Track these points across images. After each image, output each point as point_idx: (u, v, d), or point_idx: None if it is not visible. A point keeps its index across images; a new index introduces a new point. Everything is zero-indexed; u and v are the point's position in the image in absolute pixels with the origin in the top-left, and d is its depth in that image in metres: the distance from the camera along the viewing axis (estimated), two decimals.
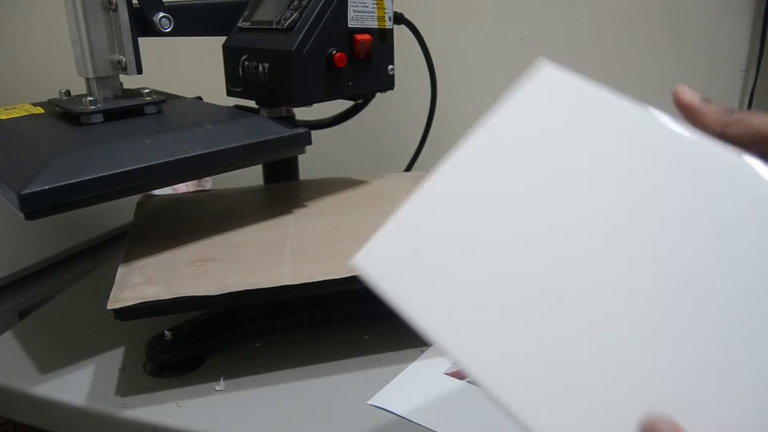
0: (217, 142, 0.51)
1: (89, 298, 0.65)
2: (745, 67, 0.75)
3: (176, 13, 0.57)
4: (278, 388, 0.49)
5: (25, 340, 0.57)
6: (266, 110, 0.61)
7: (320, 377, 0.50)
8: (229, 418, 0.46)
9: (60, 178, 0.43)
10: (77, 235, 0.78)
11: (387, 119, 0.91)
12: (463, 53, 0.85)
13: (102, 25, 0.54)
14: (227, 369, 0.51)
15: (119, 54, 0.55)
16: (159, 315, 0.45)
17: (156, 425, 0.46)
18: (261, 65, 0.57)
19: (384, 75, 0.63)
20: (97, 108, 0.53)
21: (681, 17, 0.76)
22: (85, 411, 0.48)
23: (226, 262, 0.50)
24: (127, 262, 0.51)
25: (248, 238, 0.55)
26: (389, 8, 0.62)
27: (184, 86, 0.73)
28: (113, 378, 0.51)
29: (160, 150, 0.48)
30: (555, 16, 0.80)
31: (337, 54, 0.56)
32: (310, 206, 0.62)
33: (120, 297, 0.45)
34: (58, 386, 0.50)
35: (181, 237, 0.55)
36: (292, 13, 0.57)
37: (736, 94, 0.77)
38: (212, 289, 0.46)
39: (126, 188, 0.47)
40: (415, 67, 0.73)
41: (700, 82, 0.77)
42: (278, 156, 0.57)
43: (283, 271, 0.48)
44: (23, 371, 0.52)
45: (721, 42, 0.75)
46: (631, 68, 0.79)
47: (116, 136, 0.49)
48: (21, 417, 0.52)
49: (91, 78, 0.55)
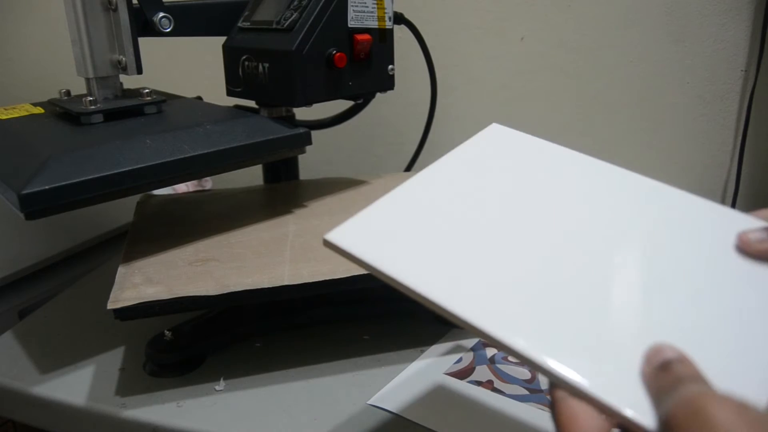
0: (217, 142, 0.51)
1: (89, 298, 0.65)
2: (745, 67, 0.75)
3: (176, 13, 0.57)
4: (278, 388, 0.49)
5: (25, 340, 0.57)
6: (266, 110, 0.61)
7: (320, 377, 0.50)
8: (229, 418, 0.46)
9: (60, 178, 0.43)
10: (77, 235, 0.78)
11: (387, 119, 0.91)
12: (463, 53, 0.85)
13: (102, 25, 0.54)
14: (227, 369, 0.51)
15: (119, 54, 0.55)
16: (159, 315, 0.45)
17: (156, 425, 0.46)
18: (261, 65, 0.57)
19: (384, 75, 0.63)
20: (97, 108, 0.53)
21: (681, 17, 0.76)
22: (85, 411, 0.48)
23: (226, 262, 0.50)
24: (127, 262, 0.51)
25: (248, 238, 0.55)
26: (389, 8, 0.62)
27: (184, 86, 0.73)
28: (113, 378, 0.51)
29: (160, 150, 0.48)
30: (555, 16, 0.80)
31: (337, 54, 0.56)
32: (310, 206, 0.62)
33: (120, 297, 0.45)
34: (58, 386, 0.50)
35: (181, 237, 0.55)
36: (292, 13, 0.57)
37: (736, 94, 0.77)
38: (212, 289, 0.46)
39: (126, 188, 0.47)
40: (415, 67, 0.73)
41: (700, 82, 0.77)
42: (278, 156, 0.56)
43: (282, 271, 0.48)
44: (23, 371, 0.52)
45: (721, 42, 0.75)
46: (631, 68, 0.79)
47: (116, 136, 0.49)
48: (21, 417, 0.52)
49: (91, 78, 0.55)
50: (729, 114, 0.78)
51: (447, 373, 0.50)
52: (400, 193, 0.36)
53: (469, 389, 0.48)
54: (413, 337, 0.55)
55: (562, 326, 0.28)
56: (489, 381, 0.48)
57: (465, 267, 0.31)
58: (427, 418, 0.44)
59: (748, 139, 0.77)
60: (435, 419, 0.44)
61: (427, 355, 0.53)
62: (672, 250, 0.32)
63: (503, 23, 0.83)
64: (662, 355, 0.25)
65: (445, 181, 0.37)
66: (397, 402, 0.46)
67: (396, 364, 0.51)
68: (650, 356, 0.25)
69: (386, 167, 0.92)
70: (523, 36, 0.83)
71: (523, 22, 0.82)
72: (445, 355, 0.52)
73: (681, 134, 0.80)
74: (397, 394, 0.47)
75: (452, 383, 0.48)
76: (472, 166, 0.38)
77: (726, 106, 0.78)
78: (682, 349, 0.25)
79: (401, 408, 0.46)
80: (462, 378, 0.49)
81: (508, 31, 0.83)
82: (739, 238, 0.31)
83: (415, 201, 0.35)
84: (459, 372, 0.50)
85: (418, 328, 0.56)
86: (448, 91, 0.86)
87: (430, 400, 0.46)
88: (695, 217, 0.34)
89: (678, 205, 0.35)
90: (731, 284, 0.30)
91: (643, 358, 0.26)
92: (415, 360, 0.52)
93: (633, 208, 0.35)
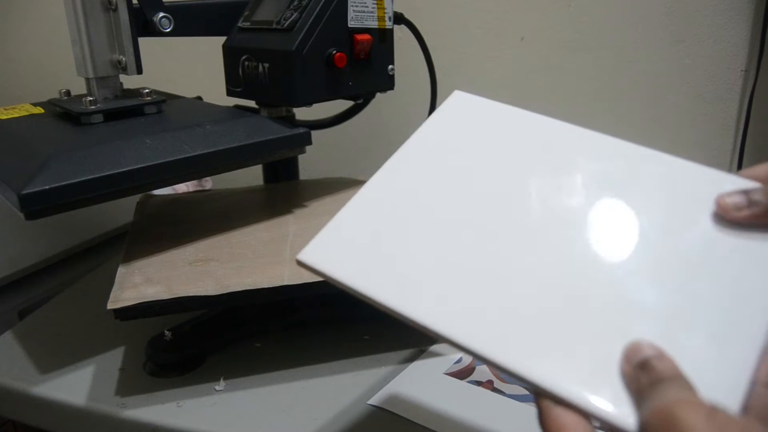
0: (217, 142, 0.51)
1: (89, 298, 0.65)
2: (745, 67, 0.75)
3: (176, 13, 0.57)
4: (278, 388, 0.49)
5: (25, 340, 0.57)
6: (266, 110, 0.61)
7: (320, 377, 0.50)
8: (229, 418, 0.46)
9: (60, 178, 0.43)
10: (77, 235, 0.78)
11: (387, 119, 0.91)
12: (463, 53, 0.85)
13: (102, 25, 0.54)
14: (227, 369, 0.51)
15: (119, 54, 0.55)
16: (159, 315, 0.45)
17: (156, 425, 0.46)
18: (261, 65, 0.57)
19: (384, 75, 0.63)
20: (97, 108, 0.53)
21: (681, 17, 0.76)
22: (85, 411, 0.48)
23: (226, 262, 0.50)
24: (127, 262, 0.51)
25: (248, 238, 0.55)
26: (389, 8, 0.62)
27: (184, 86, 0.73)
28: (113, 378, 0.51)
29: (160, 150, 0.48)
30: (555, 16, 0.80)
31: (337, 54, 0.56)
32: (310, 206, 0.62)
33: (120, 297, 0.45)
34: (58, 386, 0.50)
35: (181, 237, 0.55)
36: (292, 13, 0.57)
37: (736, 94, 0.77)
38: (212, 289, 0.46)
39: (126, 188, 0.47)
40: (415, 67, 0.73)
41: (700, 82, 0.77)
42: (278, 156, 0.57)
43: (282, 271, 0.48)
44: (23, 371, 0.52)
45: (721, 42, 0.75)
46: (631, 68, 0.79)
47: (116, 136, 0.49)
48: (21, 417, 0.52)
49: (91, 78, 0.55)
50: (729, 114, 0.78)
51: (447, 373, 0.50)
52: (367, 194, 0.35)
53: (469, 389, 0.48)
54: (413, 337, 0.55)
55: (542, 332, 0.27)
56: (489, 381, 0.48)
57: (437, 276, 0.30)
58: (427, 418, 0.44)
59: (748, 139, 0.77)
60: (435, 419, 0.44)
61: (427, 355, 0.53)
62: (650, 223, 0.30)
63: (503, 23, 0.83)
64: (641, 353, 0.25)
65: (413, 170, 0.35)
66: (397, 402, 0.46)
67: (396, 364, 0.51)
68: (629, 354, 0.25)
69: None
70: (523, 36, 0.83)
71: (523, 22, 0.82)
72: (445, 355, 0.52)
73: (681, 134, 0.80)
74: (397, 394, 0.47)
75: (452, 383, 0.48)
76: (438, 147, 0.36)
77: (726, 106, 0.78)
78: (660, 341, 0.25)
79: (401, 408, 0.46)
80: (462, 378, 0.49)
81: (508, 31, 0.83)
82: (716, 203, 0.29)
83: (383, 201, 0.34)
84: (459, 372, 0.50)
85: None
86: (448, 91, 0.85)
87: (430, 400, 0.46)
88: (676, 180, 0.31)
89: (657, 168, 0.32)
90: (714, 261, 0.28)
91: (622, 356, 0.26)
92: (415, 360, 0.52)
93: (609, 177, 0.32)
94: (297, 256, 0.33)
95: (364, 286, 0.30)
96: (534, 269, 0.29)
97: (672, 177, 0.32)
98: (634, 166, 0.33)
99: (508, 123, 0.37)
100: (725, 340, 0.26)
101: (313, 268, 0.32)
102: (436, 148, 0.37)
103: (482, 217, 0.32)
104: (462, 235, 0.32)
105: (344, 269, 0.31)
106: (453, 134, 0.37)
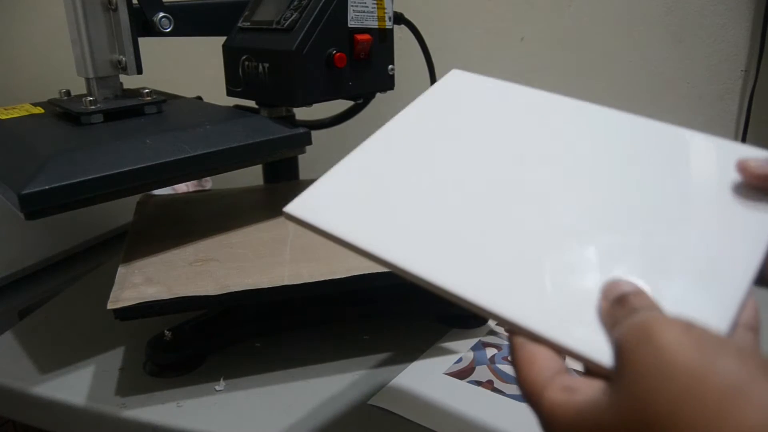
0: (217, 142, 0.51)
1: (89, 298, 0.65)
2: (745, 67, 0.75)
3: (176, 13, 0.57)
4: (278, 388, 0.49)
5: (25, 340, 0.57)
6: (266, 110, 0.61)
7: (320, 377, 0.50)
8: (229, 418, 0.46)
9: (60, 178, 0.43)
10: (77, 235, 0.78)
11: (387, 119, 0.91)
12: (463, 53, 0.85)
13: (102, 25, 0.54)
14: (227, 369, 0.51)
15: (119, 54, 0.55)
16: (159, 315, 0.45)
17: (156, 425, 0.46)
18: (261, 65, 0.57)
19: (384, 75, 0.63)
20: (97, 108, 0.53)
21: (681, 17, 0.76)
22: (85, 411, 0.48)
23: (226, 262, 0.50)
24: (127, 262, 0.51)
25: (248, 238, 0.55)
26: (389, 8, 0.62)
27: (184, 86, 0.73)
28: (113, 378, 0.51)
29: (160, 150, 0.48)
30: (555, 16, 0.80)
31: (337, 54, 0.56)
32: None
33: (120, 297, 0.45)
34: (58, 386, 0.50)
35: (181, 237, 0.55)
36: (292, 13, 0.57)
37: (736, 94, 0.77)
38: (212, 289, 0.46)
39: (126, 188, 0.47)
40: (415, 67, 0.73)
41: (700, 82, 0.77)
42: (278, 156, 0.57)
43: (282, 272, 0.48)
44: (23, 371, 0.52)
45: (721, 42, 0.75)
46: (631, 68, 0.79)
47: (116, 136, 0.49)
48: (21, 417, 0.52)
49: (91, 78, 0.55)
50: (729, 114, 0.78)
51: (447, 373, 0.50)
52: (359, 155, 0.35)
53: (469, 389, 0.48)
54: (413, 337, 0.55)
55: (520, 273, 0.27)
56: (489, 381, 0.48)
57: (425, 225, 0.30)
58: (427, 418, 0.44)
59: (748, 139, 0.77)
60: (435, 419, 0.44)
61: (427, 355, 0.53)
62: (648, 181, 0.31)
63: (503, 23, 0.83)
64: (619, 289, 0.25)
65: (406, 135, 0.36)
66: (397, 402, 0.46)
67: (396, 364, 0.51)
68: (607, 291, 0.25)
69: None
70: (523, 36, 0.83)
71: (523, 22, 0.82)
72: (445, 355, 0.52)
73: None
74: (397, 394, 0.47)
75: (452, 383, 0.48)
76: (433, 117, 0.37)
77: (726, 106, 0.78)
78: (641, 282, 0.25)
79: (401, 408, 0.46)
80: (462, 378, 0.49)
81: (508, 31, 0.83)
82: (738, 163, 0.30)
83: (375, 161, 0.35)
84: (459, 372, 0.50)
85: (418, 328, 0.56)
86: None
87: (430, 400, 0.46)
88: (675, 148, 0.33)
89: (660, 137, 0.33)
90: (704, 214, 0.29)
91: (600, 293, 0.25)
92: (415, 360, 0.52)
93: (609, 146, 0.33)
94: (284, 209, 0.33)
95: (350, 236, 0.30)
96: (519, 218, 0.30)
97: (668, 141, 0.33)
98: (630, 131, 0.34)
99: (505, 95, 0.38)
100: (710, 283, 0.25)
101: (299, 220, 0.32)
102: (431, 116, 0.38)
103: (471, 175, 0.33)
104: (450, 191, 0.32)
105: (331, 220, 0.31)
106: (449, 104, 0.38)
